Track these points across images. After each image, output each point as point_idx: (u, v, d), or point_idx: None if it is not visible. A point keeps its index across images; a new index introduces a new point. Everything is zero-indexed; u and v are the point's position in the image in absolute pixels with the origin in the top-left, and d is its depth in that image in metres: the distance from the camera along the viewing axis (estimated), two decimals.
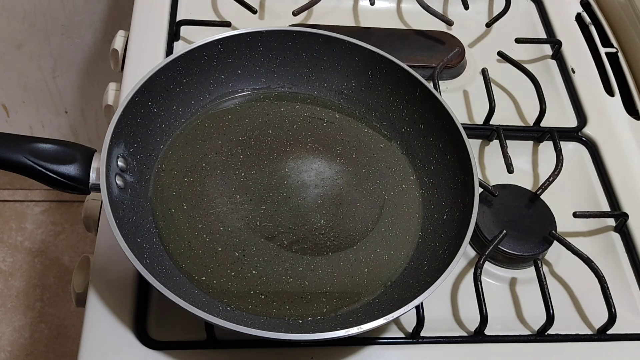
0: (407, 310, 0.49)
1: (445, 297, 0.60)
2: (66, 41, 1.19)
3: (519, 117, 0.74)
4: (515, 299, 0.61)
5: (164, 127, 0.61)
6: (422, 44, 0.78)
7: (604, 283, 0.59)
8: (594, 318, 0.60)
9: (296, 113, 0.66)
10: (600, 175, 0.70)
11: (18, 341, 1.34)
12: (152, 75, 0.58)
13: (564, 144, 0.70)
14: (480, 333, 0.57)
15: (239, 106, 0.65)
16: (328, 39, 0.64)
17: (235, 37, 0.63)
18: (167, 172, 0.60)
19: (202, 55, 0.62)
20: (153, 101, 0.59)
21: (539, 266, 0.59)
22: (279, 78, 0.66)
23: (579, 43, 0.82)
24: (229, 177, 0.60)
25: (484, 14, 0.84)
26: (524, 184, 0.67)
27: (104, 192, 0.50)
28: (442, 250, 0.55)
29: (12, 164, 0.51)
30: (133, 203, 0.55)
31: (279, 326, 0.52)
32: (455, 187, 0.59)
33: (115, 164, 0.54)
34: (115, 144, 0.54)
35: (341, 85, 0.66)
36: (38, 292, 1.40)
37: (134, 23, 0.74)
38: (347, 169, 0.62)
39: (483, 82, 0.73)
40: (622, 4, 0.83)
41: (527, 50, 0.80)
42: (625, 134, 0.74)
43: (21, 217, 1.50)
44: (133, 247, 0.49)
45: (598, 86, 0.78)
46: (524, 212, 0.64)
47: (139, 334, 0.53)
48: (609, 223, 0.67)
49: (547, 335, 0.58)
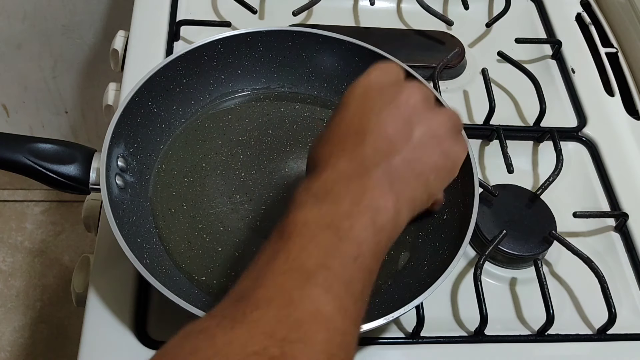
0: (407, 310, 0.49)
1: (445, 297, 0.60)
2: (66, 41, 1.19)
3: (519, 117, 0.74)
4: (515, 299, 0.61)
5: (164, 127, 0.61)
6: (422, 44, 0.78)
7: (604, 283, 0.59)
8: (594, 318, 0.60)
9: (296, 113, 0.66)
10: (600, 175, 0.70)
11: (18, 341, 1.34)
12: (152, 75, 0.58)
13: (564, 144, 0.70)
14: (480, 333, 0.57)
15: (239, 106, 0.65)
16: (328, 39, 0.64)
17: (235, 37, 0.63)
18: (167, 172, 0.60)
19: (202, 55, 0.62)
20: (153, 101, 0.59)
21: (539, 266, 0.59)
22: (279, 78, 0.66)
23: (579, 43, 0.82)
24: (229, 177, 0.60)
25: (484, 14, 0.84)
26: (524, 184, 0.67)
27: (104, 192, 0.50)
28: (442, 250, 0.55)
29: (12, 164, 0.51)
30: (133, 203, 0.55)
31: None
32: (455, 187, 0.59)
33: (115, 164, 0.54)
34: (115, 144, 0.54)
35: (341, 86, 0.66)
36: (38, 292, 1.40)
37: (134, 23, 0.74)
38: None
39: (483, 82, 0.73)
40: (622, 4, 0.83)
41: (527, 50, 0.80)
42: (625, 134, 0.74)
43: (21, 217, 1.50)
44: (133, 247, 0.49)
45: (598, 86, 0.78)
46: (524, 212, 0.64)
47: (139, 334, 0.53)
48: (609, 223, 0.67)
49: (547, 335, 0.58)
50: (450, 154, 0.42)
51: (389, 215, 0.37)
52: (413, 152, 0.40)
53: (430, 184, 0.41)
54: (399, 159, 0.39)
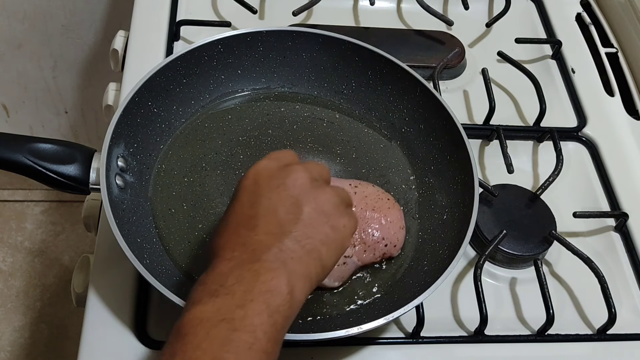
0: (407, 310, 0.49)
1: (445, 297, 0.60)
2: (66, 41, 1.19)
3: (519, 117, 0.74)
4: (515, 299, 0.61)
5: (164, 127, 0.61)
6: (422, 44, 0.78)
7: (604, 283, 0.59)
8: (594, 318, 0.60)
9: (296, 113, 0.66)
10: (600, 175, 0.70)
11: (18, 341, 1.34)
12: (152, 75, 0.58)
13: (564, 144, 0.70)
14: (480, 333, 0.57)
15: (239, 106, 0.65)
16: (328, 39, 0.64)
17: (235, 37, 0.63)
18: (167, 172, 0.60)
19: (202, 55, 0.62)
20: (153, 101, 0.59)
21: (539, 266, 0.59)
22: (279, 78, 0.66)
23: (579, 43, 0.82)
24: (229, 177, 0.60)
25: (484, 14, 0.84)
26: (524, 184, 0.67)
27: (104, 192, 0.50)
28: (442, 250, 0.55)
29: (12, 164, 0.51)
30: (133, 203, 0.55)
31: None
32: (455, 187, 0.59)
33: (115, 164, 0.54)
34: (115, 144, 0.54)
35: (341, 85, 0.66)
36: (38, 292, 1.40)
37: (134, 23, 0.74)
38: (347, 169, 0.62)
39: (483, 82, 0.73)
40: (622, 4, 0.83)
41: (527, 50, 0.80)
42: (625, 134, 0.74)
43: (21, 217, 1.50)
44: (133, 247, 0.49)
45: (598, 86, 0.78)
46: (524, 212, 0.64)
47: (139, 333, 0.53)
48: (609, 223, 0.67)
49: (547, 335, 0.58)
50: (339, 228, 0.44)
51: (283, 296, 0.39)
52: (303, 230, 0.42)
53: (323, 258, 0.43)
54: (290, 239, 0.41)
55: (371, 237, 0.55)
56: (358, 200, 0.57)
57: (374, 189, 0.59)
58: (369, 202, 0.57)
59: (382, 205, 0.57)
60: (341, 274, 0.54)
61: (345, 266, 0.54)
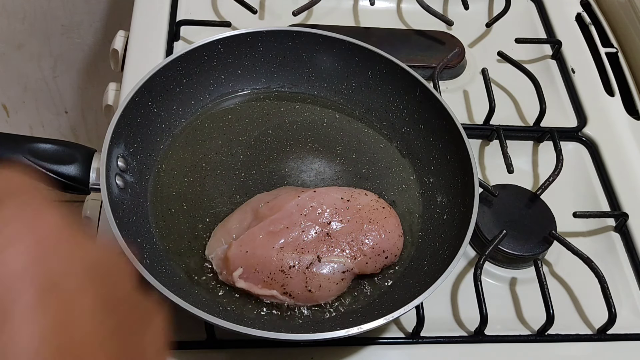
0: (407, 310, 0.49)
1: (445, 297, 0.60)
2: (66, 41, 1.19)
3: (519, 117, 0.74)
4: (515, 299, 0.61)
5: (164, 127, 0.61)
6: (422, 44, 0.78)
7: (604, 283, 0.59)
8: (594, 318, 0.60)
9: (296, 113, 0.66)
10: (600, 175, 0.70)
11: None
12: (152, 75, 0.58)
13: (564, 144, 0.70)
14: (480, 333, 0.57)
15: (239, 106, 0.65)
16: (328, 39, 0.64)
17: (235, 37, 0.63)
18: (167, 172, 0.60)
19: (202, 55, 0.62)
20: (153, 101, 0.59)
21: (539, 266, 0.59)
22: (279, 78, 0.66)
23: (579, 43, 0.82)
24: (229, 177, 0.60)
25: (484, 14, 0.84)
26: (524, 184, 0.67)
27: (104, 192, 0.50)
28: (442, 250, 0.55)
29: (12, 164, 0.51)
30: (133, 203, 0.55)
31: (279, 326, 0.52)
32: (455, 187, 0.59)
33: (115, 164, 0.54)
34: (115, 144, 0.54)
35: (341, 85, 0.66)
36: None
37: (134, 23, 0.74)
38: (347, 169, 0.62)
39: (483, 82, 0.73)
40: (622, 4, 0.83)
41: (527, 50, 0.80)
42: (625, 134, 0.74)
43: None
44: (133, 247, 0.49)
45: (598, 86, 0.78)
46: (524, 212, 0.64)
47: None
48: (609, 223, 0.67)
49: (547, 335, 0.58)
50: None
51: None
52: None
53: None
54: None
55: (371, 250, 0.55)
56: (352, 214, 0.56)
57: (367, 199, 0.57)
58: (364, 215, 0.56)
59: (378, 216, 0.56)
60: (341, 289, 0.54)
61: (344, 281, 0.54)
